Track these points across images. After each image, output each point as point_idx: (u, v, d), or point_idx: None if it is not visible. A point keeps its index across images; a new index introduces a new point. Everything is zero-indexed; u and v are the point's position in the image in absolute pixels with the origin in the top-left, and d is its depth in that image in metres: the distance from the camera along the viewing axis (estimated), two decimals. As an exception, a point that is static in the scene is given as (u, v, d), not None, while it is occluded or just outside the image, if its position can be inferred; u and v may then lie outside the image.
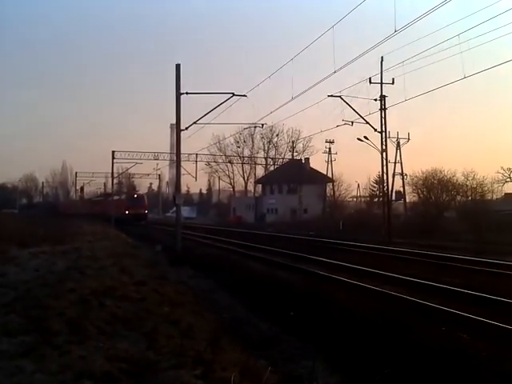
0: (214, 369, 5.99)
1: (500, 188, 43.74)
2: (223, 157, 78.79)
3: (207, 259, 20.42)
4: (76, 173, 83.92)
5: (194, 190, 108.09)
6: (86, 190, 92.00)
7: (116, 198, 64.66)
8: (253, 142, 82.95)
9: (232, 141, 78.70)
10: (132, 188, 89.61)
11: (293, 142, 77.87)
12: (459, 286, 12.60)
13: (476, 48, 22.28)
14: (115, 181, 66.47)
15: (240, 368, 6.11)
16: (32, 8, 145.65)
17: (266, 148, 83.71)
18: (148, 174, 72.13)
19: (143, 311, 9.00)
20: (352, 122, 33.79)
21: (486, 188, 43.48)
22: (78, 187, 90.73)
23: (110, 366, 5.83)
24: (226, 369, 6.01)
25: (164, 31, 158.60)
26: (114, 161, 56.42)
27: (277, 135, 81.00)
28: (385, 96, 33.91)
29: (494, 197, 45.24)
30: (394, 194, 46.67)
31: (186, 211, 72.39)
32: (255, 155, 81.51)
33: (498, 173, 41.53)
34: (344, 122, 33.94)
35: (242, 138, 78.78)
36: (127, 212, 59.19)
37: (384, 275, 15.21)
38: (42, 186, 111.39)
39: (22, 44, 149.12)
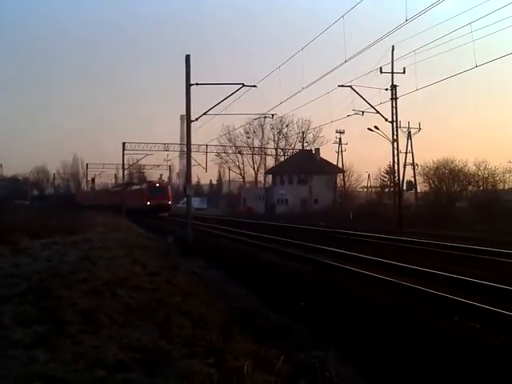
0: (226, 358, 6.00)
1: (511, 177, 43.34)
2: (233, 147, 78.85)
3: (218, 250, 20.46)
4: (87, 164, 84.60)
5: (205, 181, 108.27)
6: (96, 181, 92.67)
7: (136, 187, 63.39)
8: (263, 132, 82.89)
9: (242, 131, 78.71)
10: (143, 179, 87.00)
11: (303, 133, 77.75)
12: (472, 276, 12.53)
13: (488, 37, 22.01)
14: (126, 172, 66.58)
15: (252, 357, 6.12)
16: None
17: (276, 138, 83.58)
18: (158, 165, 72.30)
19: (155, 301, 9.03)
20: (362, 112, 33.67)
21: (497, 178, 43.18)
22: (89, 179, 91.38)
23: (123, 355, 5.86)
24: (239, 358, 6.02)
25: (175, 22, 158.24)
26: (125, 152, 56.77)
27: (287, 126, 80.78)
28: (396, 85, 33.73)
29: (506, 187, 44.89)
30: (405, 184, 46.45)
31: (196, 202, 72.50)
32: (265, 146, 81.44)
33: (510, 162, 41.20)
34: (354, 112, 33.84)
35: (251, 128, 78.81)
36: (148, 203, 53.84)
37: (395, 265, 15.15)
38: (54, 178, 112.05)
39: (32, 33, 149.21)
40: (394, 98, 33.77)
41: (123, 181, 64.11)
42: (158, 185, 60.18)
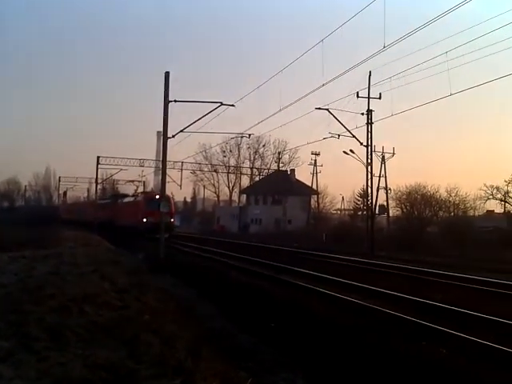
0: (195, 379, 5.97)
1: (482, 205, 44.21)
2: (209, 166, 78.86)
3: (190, 268, 20.35)
4: (59, 177, 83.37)
5: (179, 198, 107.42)
6: (69, 194, 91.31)
7: (129, 199, 51.93)
8: (239, 151, 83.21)
9: (218, 150, 78.84)
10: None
11: (279, 153, 78.17)
12: (437, 301, 12.69)
13: (462, 66, 22.60)
14: (99, 187, 65.74)
15: (220, 378, 6.10)
16: (19, 10, 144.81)
17: (252, 158, 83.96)
18: (133, 181, 71.68)
19: (124, 319, 8.94)
20: (338, 136, 34.10)
21: (468, 204, 44.01)
22: (61, 192, 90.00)
23: (89, 374, 5.79)
24: (207, 379, 6.00)
25: (154, 38, 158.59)
26: (99, 166, 56.23)
27: (263, 146, 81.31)
28: (371, 110, 34.23)
29: (476, 213, 45.75)
30: (377, 208, 46.96)
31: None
32: (241, 165, 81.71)
33: (481, 190, 41.99)
34: (330, 135, 34.24)
35: (228, 147, 79.04)
36: (145, 220, 42.35)
37: (365, 288, 15.28)
38: (25, 190, 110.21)
39: (6, 42, 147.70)
40: (369, 123, 34.26)
41: (96, 195, 63.14)
42: (157, 197, 41.33)
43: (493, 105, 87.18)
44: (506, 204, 41.11)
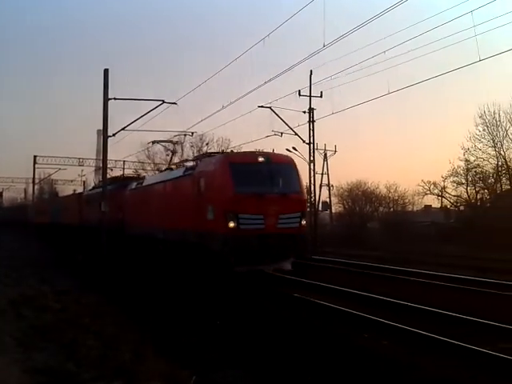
0: (138, 379, 5.89)
1: (420, 200, 45.63)
2: (151, 164, 77.80)
3: (130, 268, 19.98)
4: (-6, 178, 79.92)
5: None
6: (4, 195, 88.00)
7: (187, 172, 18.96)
8: (182, 150, 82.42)
9: (161, 148, 77.83)
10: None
11: (222, 152, 77.82)
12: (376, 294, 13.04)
13: (402, 65, 23.25)
14: (36, 187, 63.50)
15: (164, 378, 6.04)
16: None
17: (195, 154, 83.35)
18: (72, 181, 69.73)
19: (63, 322, 8.71)
20: (281, 133, 34.28)
21: (406, 200, 45.34)
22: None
23: (28, 379, 5.62)
24: (151, 379, 5.93)
25: (95, 35, 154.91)
26: (36, 166, 54.50)
27: (207, 144, 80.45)
28: (313, 109, 34.66)
29: (415, 208, 47.19)
30: (320, 205, 47.68)
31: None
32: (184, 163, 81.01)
33: (419, 186, 43.29)
34: (274, 133, 34.37)
35: (171, 145, 78.20)
36: (233, 224, 14.95)
37: (302, 282, 15.52)
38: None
39: None
40: (311, 121, 34.70)
41: (33, 196, 60.74)
42: (261, 160, 16.07)
43: (435, 102, 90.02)
44: (443, 199, 42.60)
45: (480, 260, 21.73)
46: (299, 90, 33.60)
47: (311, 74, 33.70)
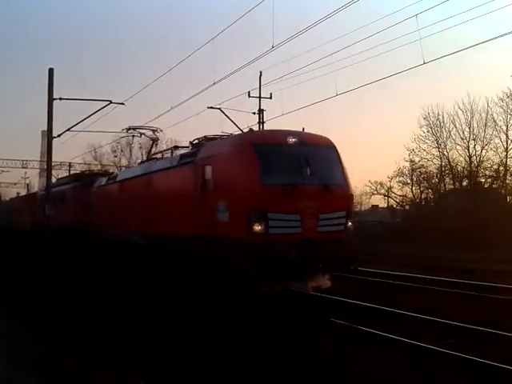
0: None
1: (368, 200, 46.60)
2: (99, 166, 76.28)
3: (72, 272, 19.43)
4: None
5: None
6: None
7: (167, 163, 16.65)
8: (131, 151, 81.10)
9: (109, 149, 76.44)
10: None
11: (172, 152, 77.11)
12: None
13: (349, 67, 23.61)
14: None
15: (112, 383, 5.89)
16: None
17: (145, 158, 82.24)
18: (15, 183, 67.53)
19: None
20: (231, 134, 34.23)
21: (355, 200, 46.20)
22: None
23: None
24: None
25: (39, 34, 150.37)
26: (-24, 168, 52.44)
27: (156, 145, 79.92)
28: (263, 110, 34.79)
29: (363, 208, 48.17)
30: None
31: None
32: (133, 165, 79.83)
33: (366, 186, 44.22)
34: (223, 134, 34.27)
35: (119, 146, 76.71)
36: (259, 227, 10.99)
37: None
38: None
39: None
40: (261, 122, 34.83)
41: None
42: (292, 141, 11.91)
43: (382, 103, 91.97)
44: (389, 199, 43.63)
45: (431, 259, 22.22)
46: (249, 92, 33.67)
47: (261, 75, 33.82)
